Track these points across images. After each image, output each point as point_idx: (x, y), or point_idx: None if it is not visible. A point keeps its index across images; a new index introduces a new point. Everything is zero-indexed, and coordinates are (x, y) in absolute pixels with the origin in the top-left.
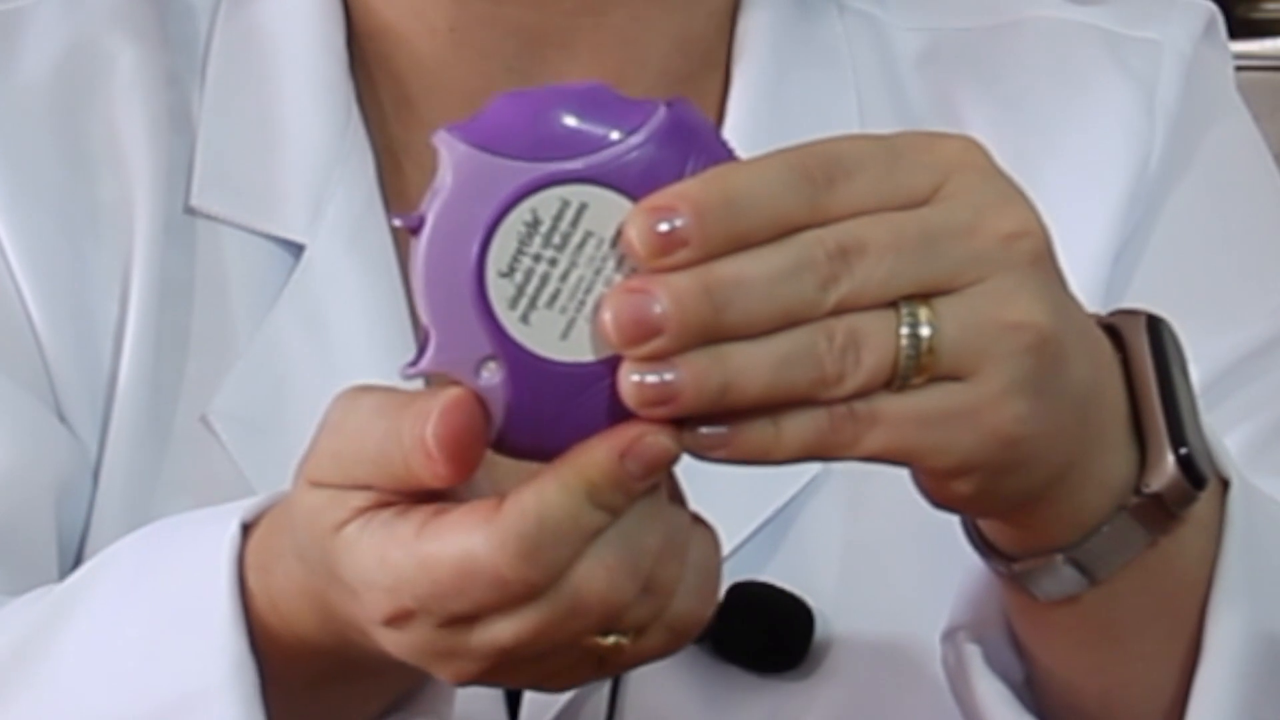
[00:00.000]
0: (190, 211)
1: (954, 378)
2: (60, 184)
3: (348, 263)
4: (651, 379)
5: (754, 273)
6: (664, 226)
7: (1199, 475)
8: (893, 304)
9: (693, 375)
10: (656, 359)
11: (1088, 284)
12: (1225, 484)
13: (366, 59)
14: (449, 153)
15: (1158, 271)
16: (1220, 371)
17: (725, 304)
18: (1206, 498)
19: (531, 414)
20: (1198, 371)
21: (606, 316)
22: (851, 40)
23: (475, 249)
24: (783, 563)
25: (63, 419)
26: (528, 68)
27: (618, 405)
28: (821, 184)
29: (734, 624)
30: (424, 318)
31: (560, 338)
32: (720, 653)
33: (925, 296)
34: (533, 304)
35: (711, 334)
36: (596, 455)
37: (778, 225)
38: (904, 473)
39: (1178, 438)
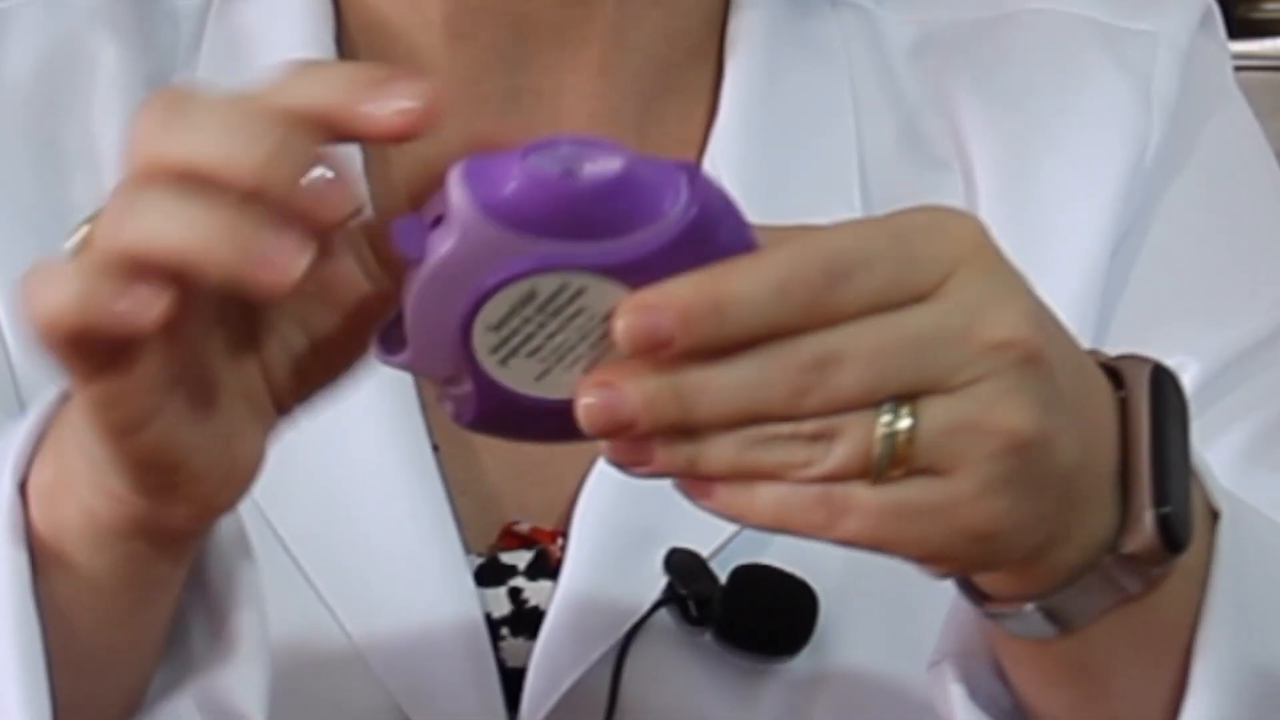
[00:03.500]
0: None
1: (932, 473)
2: (32, 185)
3: None
4: (601, 400)
5: (724, 380)
6: (649, 327)
7: (1177, 539)
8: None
9: (662, 451)
10: (606, 383)
11: (1087, 278)
12: (1216, 515)
13: (358, 53)
14: (460, 209)
15: (1156, 266)
16: (1220, 367)
17: (693, 407)
18: (1193, 541)
19: (492, 425)
20: (1196, 368)
21: (579, 406)
22: (845, 33)
23: (468, 303)
24: (786, 546)
25: None
26: (520, 58)
27: (577, 431)
28: (821, 289)
29: (737, 607)
30: (408, 332)
31: (534, 380)
32: (723, 636)
33: (910, 395)
34: (513, 353)
35: (681, 429)
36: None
37: (766, 330)
38: None
39: (1161, 497)
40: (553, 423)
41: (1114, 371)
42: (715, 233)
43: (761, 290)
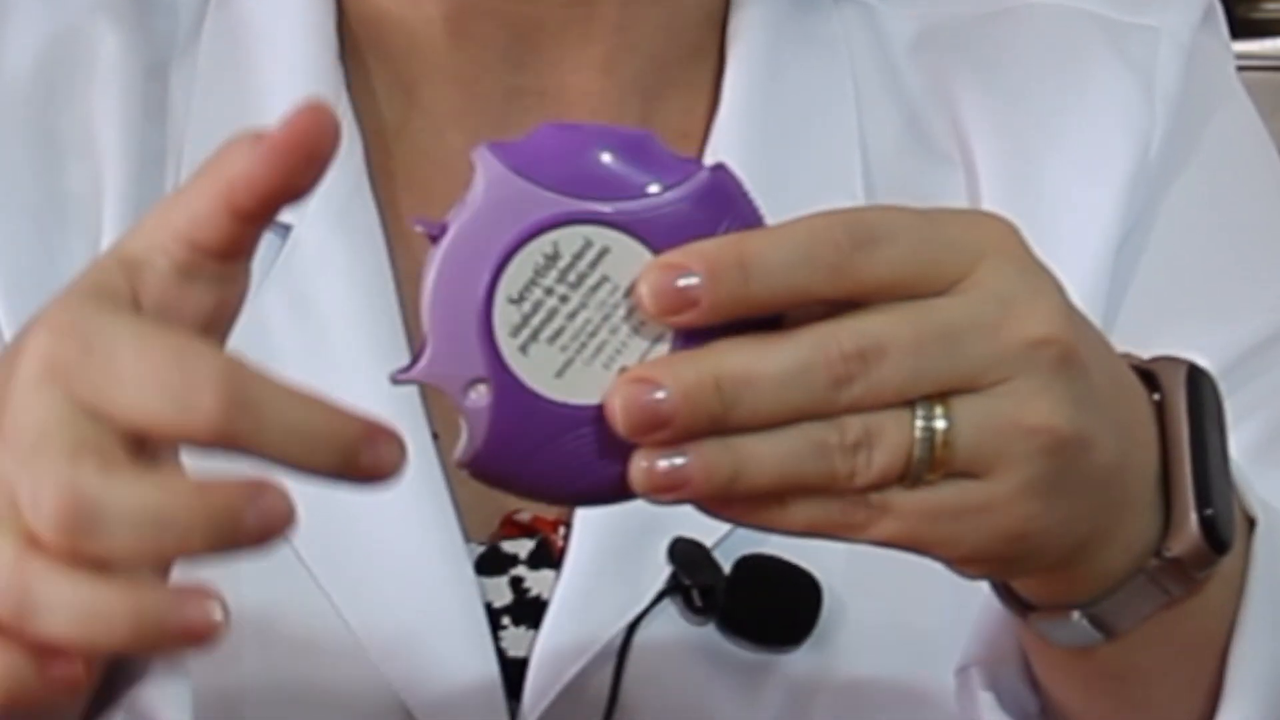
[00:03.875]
0: None
1: (968, 475)
2: (30, 175)
3: (335, 243)
4: (662, 465)
5: (765, 369)
6: (675, 284)
7: (1221, 540)
8: (909, 401)
9: (703, 464)
10: (665, 445)
11: (1092, 275)
12: (1253, 523)
13: (359, 44)
14: (484, 169)
15: (1160, 264)
16: (1225, 365)
17: (734, 400)
18: (1232, 550)
19: (510, 444)
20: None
21: (615, 403)
22: (847, 28)
23: (491, 269)
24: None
25: None
26: (521, 54)
27: (596, 452)
28: (846, 251)
29: (741, 598)
30: (425, 325)
31: (554, 375)
32: (726, 627)
33: (944, 394)
34: (534, 336)
35: (719, 428)
36: None
37: (793, 294)
38: None
39: (1204, 498)
40: (569, 445)
41: (1148, 374)
42: (735, 201)
43: (787, 248)
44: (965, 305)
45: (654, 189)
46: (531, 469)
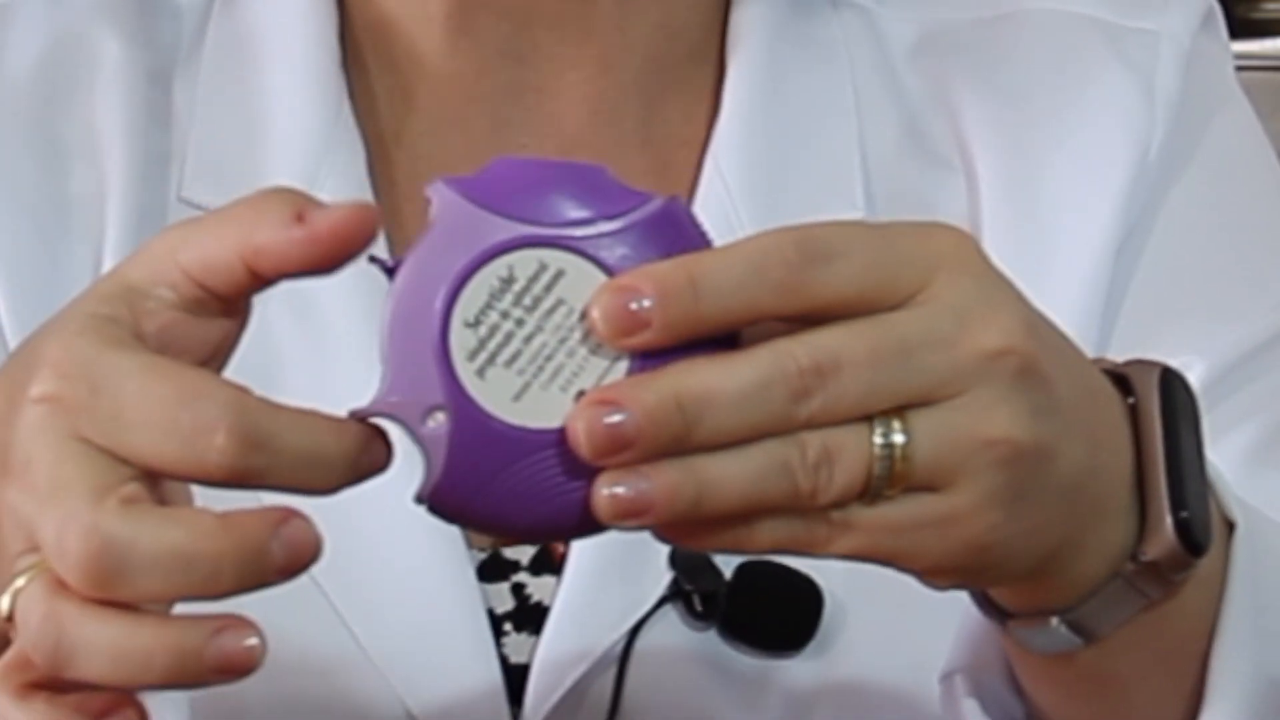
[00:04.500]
0: (180, 203)
1: (928, 488)
2: (33, 178)
3: None
4: (625, 491)
5: (724, 386)
6: (627, 306)
7: (1197, 543)
8: (867, 417)
9: (666, 489)
10: (627, 468)
11: (1091, 278)
12: (1232, 526)
13: (361, 51)
14: (437, 199)
15: (1160, 266)
16: (1225, 367)
17: (696, 419)
18: (1209, 553)
19: (470, 472)
20: (1201, 367)
21: (578, 426)
22: (847, 33)
23: (446, 293)
24: None
25: None
26: (521, 53)
27: (554, 478)
28: (797, 267)
29: (742, 604)
30: (382, 355)
31: (512, 399)
32: (728, 633)
33: (901, 408)
34: (491, 360)
35: (682, 447)
36: None
37: (745, 312)
38: None
39: (1178, 502)
40: (527, 472)
41: (1121, 378)
42: (686, 230)
43: (737, 266)
44: (920, 319)
45: (606, 216)
46: (491, 498)
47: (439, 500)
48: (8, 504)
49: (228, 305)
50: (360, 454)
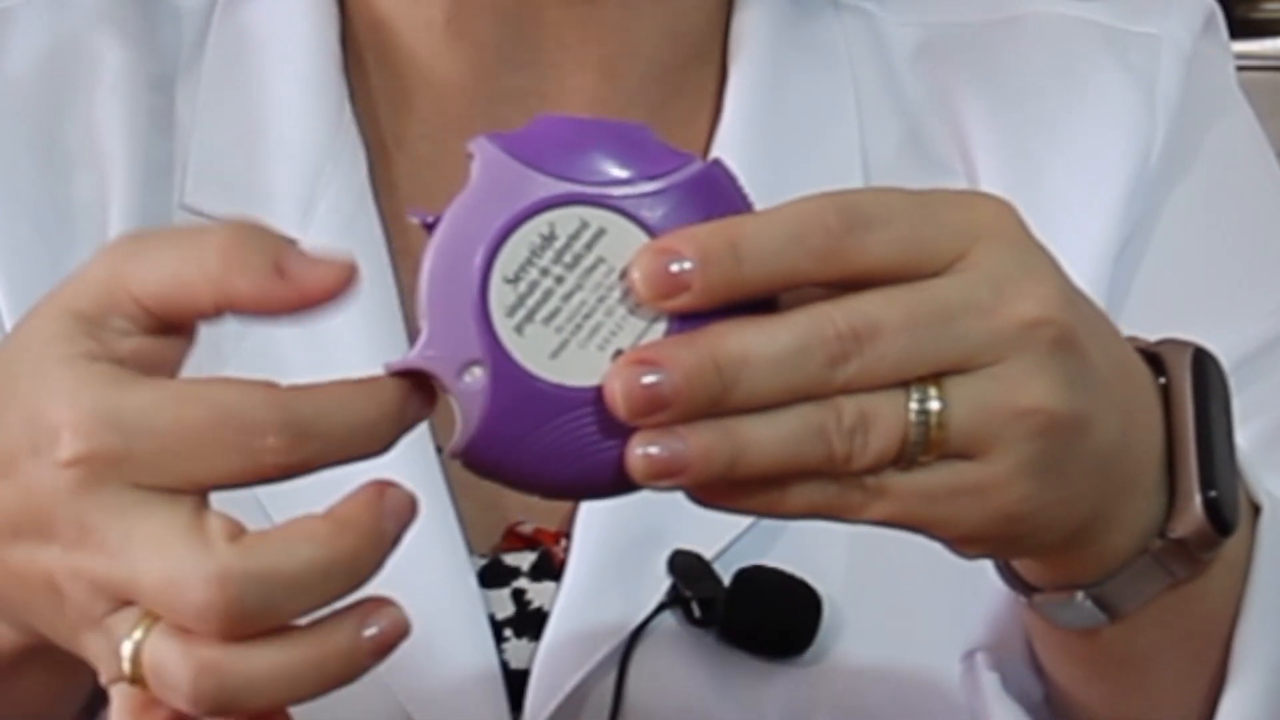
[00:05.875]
0: (182, 209)
1: (963, 456)
2: (36, 184)
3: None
4: (660, 452)
5: (762, 350)
6: (668, 269)
7: (1225, 522)
8: (904, 383)
9: (701, 449)
10: (662, 428)
11: (1091, 282)
12: (1258, 510)
13: (362, 54)
14: (480, 155)
15: (1160, 270)
16: (1226, 370)
17: (733, 381)
18: (1235, 535)
19: (505, 427)
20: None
21: (615, 385)
22: (848, 36)
23: (487, 248)
24: (790, 547)
25: None
26: (520, 53)
27: (589, 436)
28: (837, 234)
29: (741, 609)
30: (420, 310)
31: (550, 356)
32: (727, 638)
33: (937, 375)
34: (530, 316)
35: (719, 409)
36: None
37: (784, 277)
38: None
39: (1208, 480)
40: (563, 429)
41: (1154, 357)
42: (728, 192)
43: (778, 231)
44: (959, 286)
45: (648, 175)
46: (526, 453)
47: (473, 455)
48: (67, 572)
49: (181, 329)
50: (402, 409)
